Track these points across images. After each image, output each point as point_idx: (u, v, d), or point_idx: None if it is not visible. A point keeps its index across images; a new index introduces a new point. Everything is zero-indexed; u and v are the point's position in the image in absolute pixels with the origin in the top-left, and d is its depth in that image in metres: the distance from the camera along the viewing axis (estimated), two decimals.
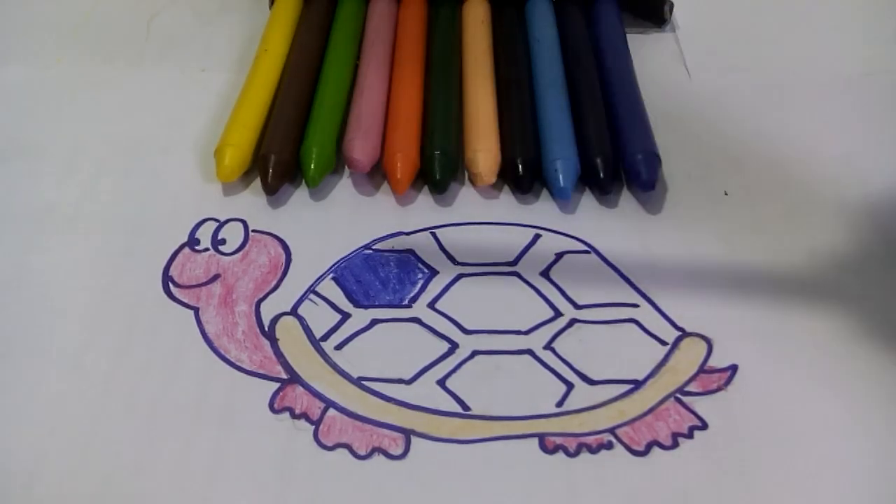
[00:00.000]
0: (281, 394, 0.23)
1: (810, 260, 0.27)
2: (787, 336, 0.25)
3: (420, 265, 0.27)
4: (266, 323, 0.25)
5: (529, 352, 0.24)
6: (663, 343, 0.25)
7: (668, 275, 0.26)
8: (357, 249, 0.27)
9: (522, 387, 0.24)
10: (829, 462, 0.22)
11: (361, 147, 0.29)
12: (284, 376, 0.24)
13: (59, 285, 0.26)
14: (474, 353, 0.24)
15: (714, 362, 0.24)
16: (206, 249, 0.27)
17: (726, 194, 0.29)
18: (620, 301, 0.26)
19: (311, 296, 0.26)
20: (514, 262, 0.27)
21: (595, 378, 0.24)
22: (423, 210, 0.29)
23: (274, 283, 0.26)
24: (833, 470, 0.22)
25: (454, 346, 0.25)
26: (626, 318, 0.25)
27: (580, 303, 0.26)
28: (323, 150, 0.29)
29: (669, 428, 0.23)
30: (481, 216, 0.29)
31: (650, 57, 0.35)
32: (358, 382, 0.24)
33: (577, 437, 0.23)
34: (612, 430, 0.23)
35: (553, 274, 0.26)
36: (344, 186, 0.30)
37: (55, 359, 0.24)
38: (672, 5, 0.36)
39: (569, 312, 0.25)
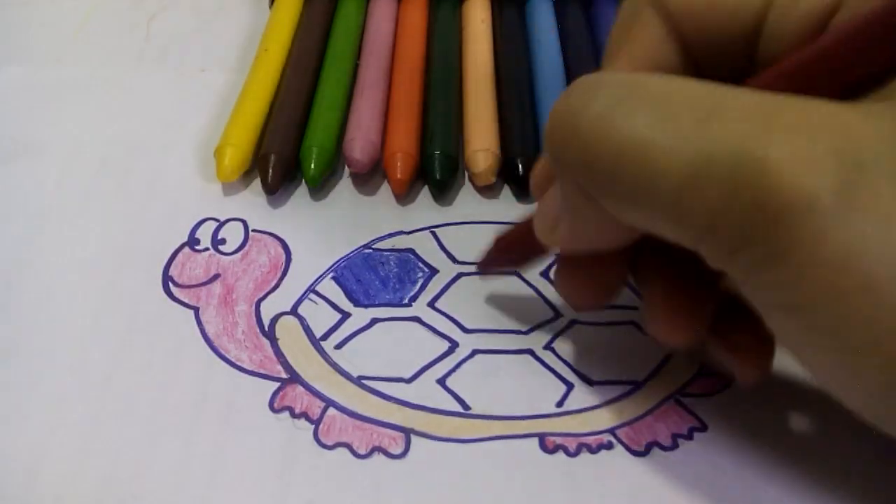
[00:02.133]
0: (281, 393, 0.23)
1: None
2: None
3: (420, 264, 0.27)
4: (266, 322, 0.25)
5: (529, 352, 0.24)
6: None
7: None
8: (357, 249, 0.27)
9: (522, 386, 0.24)
10: (828, 463, 0.22)
11: (361, 147, 0.29)
12: (284, 376, 0.24)
13: (59, 285, 0.26)
14: (474, 353, 0.24)
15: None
16: (206, 249, 0.27)
17: None
18: (620, 303, 0.26)
19: (311, 295, 0.26)
20: None
21: (595, 379, 0.24)
22: (423, 209, 0.29)
23: (274, 282, 0.26)
24: (832, 471, 0.22)
25: (454, 345, 0.25)
26: (626, 319, 0.25)
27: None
28: (323, 149, 0.29)
29: (669, 429, 0.23)
30: (481, 216, 0.29)
31: None
32: (358, 381, 0.24)
33: (577, 436, 0.23)
34: (612, 431, 0.23)
35: (553, 274, 0.26)
36: (344, 186, 0.30)
37: (55, 359, 0.24)
38: None
39: (569, 313, 0.25)
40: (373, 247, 0.27)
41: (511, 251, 0.25)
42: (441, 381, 0.24)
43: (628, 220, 0.18)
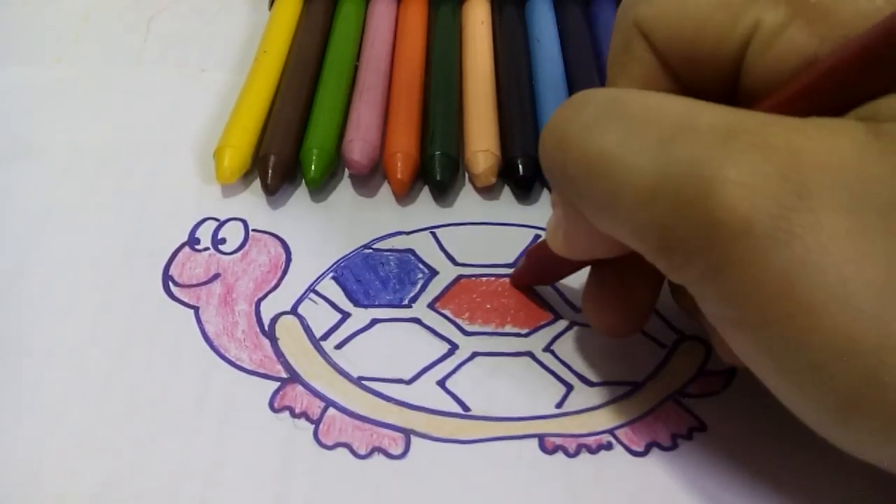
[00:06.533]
0: (281, 393, 0.23)
1: None
2: None
3: (420, 265, 0.27)
4: (266, 322, 0.25)
5: (529, 354, 0.24)
6: (662, 346, 0.25)
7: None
8: (357, 249, 0.27)
9: (522, 388, 0.24)
10: (826, 464, 0.22)
11: (360, 149, 0.29)
12: (284, 375, 0.24)
13: (58, 285, 0.26)
14: (474, 355, 0.24)
15: (713, 365, 0.24)
16: (207, 249, 0.27)
17: None
18: None
19: (311, 295, 0.26)
20: (514, 263, 0.27)
21: (594, 380, 0.24)
22: (423, 210, 0.29)
23: (274, 282, 0.26)
24: (832, 471, 0.22)
25: (454, 347, 0.25)
26: None
27: (580, 305, 0.26)
28: (323, 151, 0.29)
29: (668, 429, 0.23)
30: (481, 216, 0.29)
31: None
32: (358, 382, 0.24)
33: (576, 437, 0.23)
34: (611, 431, 0.23)
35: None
36: (344, 187, 0.30)
37: (55, 358, 0.24)
38: None
39: (568, 315, 0.25)
40: (373, 247, 0.27)
41: (540, 263, 0.25)
42: (441, 383, 0.24)
43: (602, 230, 0.19)
